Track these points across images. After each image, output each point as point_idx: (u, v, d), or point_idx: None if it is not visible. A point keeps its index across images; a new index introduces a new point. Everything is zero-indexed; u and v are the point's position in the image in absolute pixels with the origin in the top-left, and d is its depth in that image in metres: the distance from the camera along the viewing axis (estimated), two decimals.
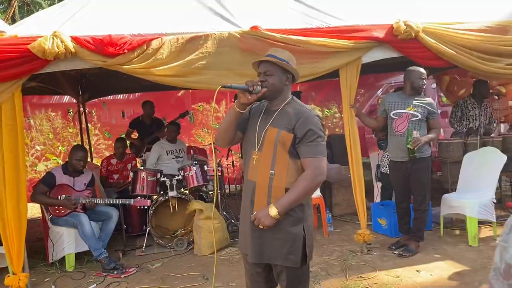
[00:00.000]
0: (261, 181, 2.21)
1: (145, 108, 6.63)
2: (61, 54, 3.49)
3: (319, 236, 4.91)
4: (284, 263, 2.19)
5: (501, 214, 5.11)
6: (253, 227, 2.21)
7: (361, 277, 3.74)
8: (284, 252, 2.17)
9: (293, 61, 2.27)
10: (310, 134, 2.13)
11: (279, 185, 2.17)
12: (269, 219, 2.11)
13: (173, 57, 3.70)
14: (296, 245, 2.17)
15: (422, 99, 4.11)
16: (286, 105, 2.24)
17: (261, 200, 2.20)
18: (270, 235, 2.18)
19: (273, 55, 2.23)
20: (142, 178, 4.90)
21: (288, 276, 2.23)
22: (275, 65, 2.20)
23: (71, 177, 4.51)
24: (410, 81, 4.08)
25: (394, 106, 4.15)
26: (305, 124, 2.14)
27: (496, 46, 4.17)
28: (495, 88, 6.01)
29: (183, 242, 4.77)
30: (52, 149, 9.09)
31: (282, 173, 2.17)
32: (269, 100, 2.27)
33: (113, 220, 4.55)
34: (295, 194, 2.12)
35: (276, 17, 4.07)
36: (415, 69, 4.09)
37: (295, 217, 2.18)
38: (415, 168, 4.09)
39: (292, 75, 2.27)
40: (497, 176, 4.57)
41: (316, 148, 2.15)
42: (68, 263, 4.38)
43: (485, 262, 3.89)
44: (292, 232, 2.18)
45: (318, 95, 9.69)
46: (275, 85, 2.20)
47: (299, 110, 2.20)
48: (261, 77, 2.22)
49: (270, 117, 2.24)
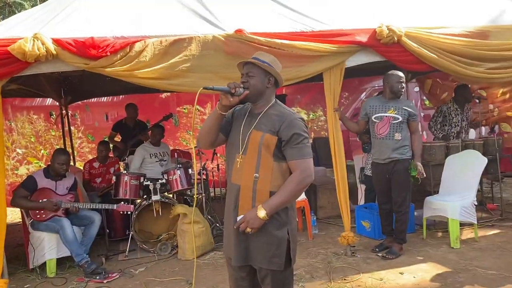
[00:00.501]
0: (245, 184, 2.21)
1: (128, 111, 6.56)
2: (42, 57, 3.44)
3: (304, 238, 4.92)
4: (268, 266, 2.19)
5: (482, 216, 5.19)
6: (238, 231, 2.20)
7: (345, 280, 3.76)
8: (268, 256, 2.17)
9: (277, 65, 2.29)
10: (296, 137, 2.15)
11: (263, 188, 2.17)
12: (258, 221, 2.11)
13: (157, 60, 3.68)
14: (280, 248, 2.18)
15: (402, 102, 4.18)
16: (270, 108, 2.26)
17: (246, 203, 2.20)
18: (255, 238, 2.18)
19: (257, 58, 2.26)
20: (125, 182, 4.84)
21: (272, 280, 2.22)
22: (257, 67, 2.22)
23: (53, 181, 4.43)
24: (390, 85, 4.14)
25: (375, 110, 4.21)
26: (290, 127, 2.16)
27: (477, 51, 4.25)
28: (476, 92, 6.10)
29: (167, 246, 4.73)
30: (34, 153, 8.94)
31: (266, 176, 2.17)
32: (251, 102, 2.28)
33: (96, 224, 4.48)
34: (284, 196, 2.13)
35: (260, 20, 4.08)
36: (394, 73, 4.14)
37: (279, 220, 2.19)
38: (396, 169, 4.15)
39: (275, 78, 2.28)
40: (478, 178, 4.64)
41: (302, 150, 2.16)
42: (49, 269, 4.30)
43: (467, 264, 3.94)
44: (277, 235, 2.18)
45: (304, 98, 9.74)
46: (256, 86, 2.21)
47: (283, 113, 2.21)
48: (243, 78, 2.24)
49: (254, 120, 2.24)
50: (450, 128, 5.54)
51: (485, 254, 4.17)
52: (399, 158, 4.12)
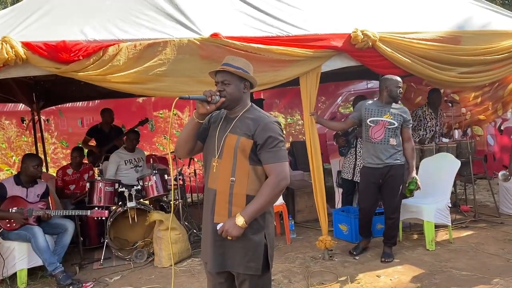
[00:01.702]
0: (221, 188, 2.19)
1: (103, 116, 6.44)
2: (11, 61, 3.35)
3: (281, 243, 4.91)
4: (245, 271, 2.18)
5: (456, 218, 5.29)
6: (215, 236, 2.18)
7: (323, 284, 3.76)
8: (245, 260, 2.15)
9: (249, 68, 2.28)
10: (271, 141, 2.14)
11: (239, 192, 2.16)
12: (237, 228, 2.09)
13: (130, 64, 3.62)
14: (257, 253, 2.17)
15: (398, 108, 4.14)
16: (245, 112, 2.25)
17: (222, 207, 2.19)
18: (232, 243, 2.16)
19: (229, 64, 2.23)
20: (99, 189, 4.74)
21: (250, 285, 2.21)
22: (232, 74, 2.20)
23: (24, 188, 4.30)
24: (388, 90, 4.08)
25: (371, 113, 4.14)
26: (265, 130, 2.15)
27: (449, 55, 4.33)
28: (449, 96, 6.23)
29: (142, 254, 4.64)
30: (5, 159, 8.71)
31: (242, 180, 2.16)
32: (228, 109, 2.27)
33: (69, 232, 4.36)
34: (261, 201, 2.12)
35: (236, 24, 4.06)
36: (393, 77, 4.10)
37: (256, 224, 2.17)
38: (391, 174, 4.10)
39: (250, 82, 2.27)
40: (452, 181, 4.72)
41: (277, 154, 2.15)
42: (19, 280, 4.16)
43: (442, 265, 4.00)
44: (253, 239, 2.17)
45: (281, 103, 9.78)
46: (233, 94, 2.21)
47: (258, 117, 2.21)
48: (219, 86, 2.22)
49: (229, 124, 2.23)
50: (425, 133, 5.62)
51: (459, 255, 4.24)
52: (393, 164, 4.08)
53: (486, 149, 7.32)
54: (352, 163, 5.28)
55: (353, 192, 5.47)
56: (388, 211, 4.25)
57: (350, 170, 5.30)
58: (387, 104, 4.13)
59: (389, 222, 4.25)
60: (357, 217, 4.78)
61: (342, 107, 9.51)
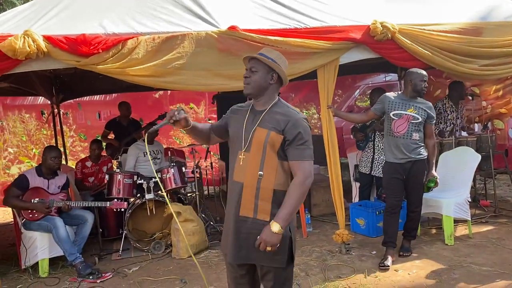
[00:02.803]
0: (248, 182, 2.19)
1: (121, 109, 6.52)
2: (32, 54, 3.40)
3: (298, 236, 4.90)
4: (271, 263, 2.19)
5: (476, 213, 5.21)
6: (239, 229, 2.20)
7: (340, 278, 3.75)
8: (271, 253, 2.14)
9: (282, 62, 2.27)
10: (300, 137, 2.15)
11: (267, 187, 2.17)
12: (275, 236, 2.08)
13: (149, 57, 3.64)
14: (283, 245, 2.16)
15: (422, 102, 4.04)
16: (274, 106, 2.24)
17: (248, 201, 2.19)
18: (256, 236, 2.14)
19: (262, 54, 2.25)
20: (118, 181, 4.80)
21: (275, 276, 2.22)
22: (261, 63, 2.22)
23: (45, 180, 4.39)
24: (413, 83, 3.97)
25: (394, 107, 4.04)
26: (295, 127, 2.15)
27: (470, 47, 4.25)
28: (469, 89, 6.12)
29: (160, 245, 4.70)
30: (25, 152, 8.86)
31: (271, 175, 2.17)
32: (253, 97, 2.28)
33: (89, 223, 4.44)
34: (292, 203, 2.12)
35: (254, 17, 4.05)
36: (418, 71, 4.00)
37: None
38: (415, 169, 4.02)
39: (279, 76, 2.26)
40: (471, 175, 4.65)
41: (304, 152, 2.16)
42: (41, 269, 4.26)
43: (461, 260, 3.95)
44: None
45: (297, 96, 9.75)
46: (257, 82, 2.21)
47: (288, 112, 2.21)
48: (246, 73, 2.25)
49: (257, 117, 2.23)
50: (445, 126, 5.53)
51: (479, 250, 4.18)
52: (416, 159, 4.00)
53: (507, 143, 7.17)
54: (370, 157, 5.24)
55: (371, 186, 5.44)
56: (412, 205, 4.18)
57: (367, 164, 5.26)
58: (412, 98, 4.03)
59: (412, 215, 4.20)
60: (374, 211, 4.76)
61: (359, 100, 9.42)
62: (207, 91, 7.28)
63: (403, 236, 4.29)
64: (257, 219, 2.17)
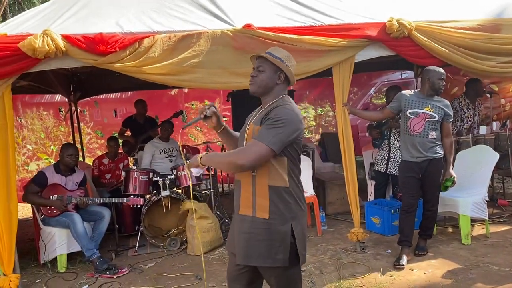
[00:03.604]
0: (245, 179, 2.19)
1: (137, 107, 6.59)
2: (51, 53, 3.45)
3: (312, 235, 4.91)
4: (272, 263, 2.13)
5: (493, 212, 5.14)
6: (240, 228, 2.19)
7: (354, 276, 3.74)
8: (273, 252, 2.11)
9: (290, 61, 2.25)
10: (271, 117, 2.07)
11: (262, 183, 2.13)
12: (196, 159, 2.21)
13: (165, 56, 3.68)
14: (282, 243, 2.11)
15: (439, 100, 3.99)
16: (274, 103, 2.20)
17: (247, 198, 2.18)
18: (256, 236, 2.13)
19: (270, 53, 2.24)
20: (134, 178, 4.86)
21: (276, 277, 2.18)
22: (268, 62, 2.20)
23: (63, 176, 4.46)
24: (431, 81, 3.93)
25: (411, 105, 3.99)
26: (273, 111, 2.11)
27: (488, 44, 4.18)
28: (487, 87, 6.03)
29: (176, 242, 4.74)
30: (43, 149, 9.01)
31: (264, 170, 2.12)
32: (258, 95, 2.27)
33: (106, 220, 4.51)
34: (219, 159, 2.24)
35: (269, 14, 4.05)
36: (436, 69, 3.95)
37: (281, 216, 2.13)
38: (432, 168, 3.98)
39: (286, 75, 2.24)
40: (489, 174, 4.59)
41: (267, 132, 2.04)
42: (60, 264, 4.34)
43: (478, 260, 3.91)
44: (280, 231, 2.11)
45: (312, 94, 9.70)
46: (263, 81, 2.20)
47: (278, 104, 2.15)
48: (253, 72, 2.24)
49: (255, 114, 2.26)
50: (462, 124, 5.46)
51: (497, 250, 4.12)
52: (433, 157, 3.96)
53: None
54: (386, 155, 5.20)
55: (386, 185, 5.40)
56: (429, 203, 4.14)
57: (383, 162, 5.22)
58: (429, 96, 3.98)
59: (428, 213, 4.16)
60: (389, 210, 4.73)
61: (375, 98, 9.34)
62: (223, 89, 7.31)
63: (419, 235, 4.26)
64: (256, 217, 2.14)
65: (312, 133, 10.04)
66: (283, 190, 2.13)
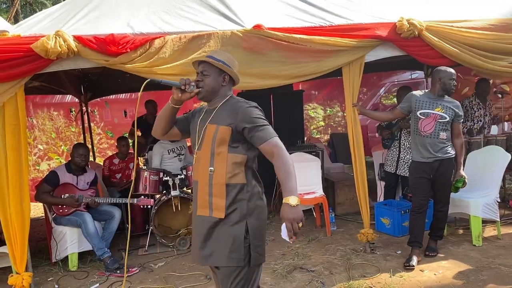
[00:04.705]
0: (202, 179, 2.21)
1: (148, 107, 6.63)
2: (63, 54, 3.49)
3: (322, 235, 4.91)
4: (227, 263, 2.14)
5: (505, 213, 5.09)
6: (198, 228, 2.21)
7: (364, 277, 3.73)
8: (227, 251, 2.12)
9: (232, 63, 2.29)
10: (257, 122, 2.13)
11: (218, 182, 2.16)
12: (298, 209, 1.97)
13: (176, 56, 3.70)
14: (237, 243, 2.12)
15: (450, 101, 3.97)
16: (225, 103, 2.25)
17: (203, 199, 2.20)
18: (212, 236, 2.17)
19: (212, 56, 2.26)
20: (144, 178, 4.89)
21: (230, 277, 2.15)
22: (212, 66, 2.23)
23: (75, 176, 4.51)
24: (442, 82, 3.90)
25: (422, 105, 3.97)
26: (247, 114, 2.14)
27: (500, 44, 4.15)
28: (498, 87, 5.98)
29: (186, 241, 4.77)
30: (54, 149, 9.10)
31: (221, 169, 2.15)
32: (205, 101, 2.30)
33: (116, 219, 4.55)
34: (289, 175, 2.04)
35: (279, 15, 4.06)
36: (447, 69, 3.92)
37: (236, 215, 2.15)
38: (442, 168, 3.96)
39: (230, 76, 2.28)
40: (501, 175, 4.55)
41: (267, 131, 2.14)
42: (71, 263, 4.38)
43: (490, 262, 3.87)
44: (234, 229, 2.14)
45: (320, 94, 9.70)
46: (210, 85, 2.23)
47: (235, 105, 2.20)
48: (198, 76, 2.26)
49: (209, 116, 2.26)
50: (472, 124, 5.42)
51: (509, 251, 4.09)
52: (444, 158, 3.94)
53: None
54: (396, 155, 5.17)
55: (396, 185, 5.38)
56: (439, 204, 4.11)
57: (393, 163, 5.19)
58: (439, 96, 3.95)
59: (439, 214, 4.13)
60: (399, 210, 4.71)
61: (384, 98, 9.31)
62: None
63: (429, 236, 4.23)
64: (212, 217, 2.17)
65: (321, 133, 10.03)
66: (240, 187, 2.16)
